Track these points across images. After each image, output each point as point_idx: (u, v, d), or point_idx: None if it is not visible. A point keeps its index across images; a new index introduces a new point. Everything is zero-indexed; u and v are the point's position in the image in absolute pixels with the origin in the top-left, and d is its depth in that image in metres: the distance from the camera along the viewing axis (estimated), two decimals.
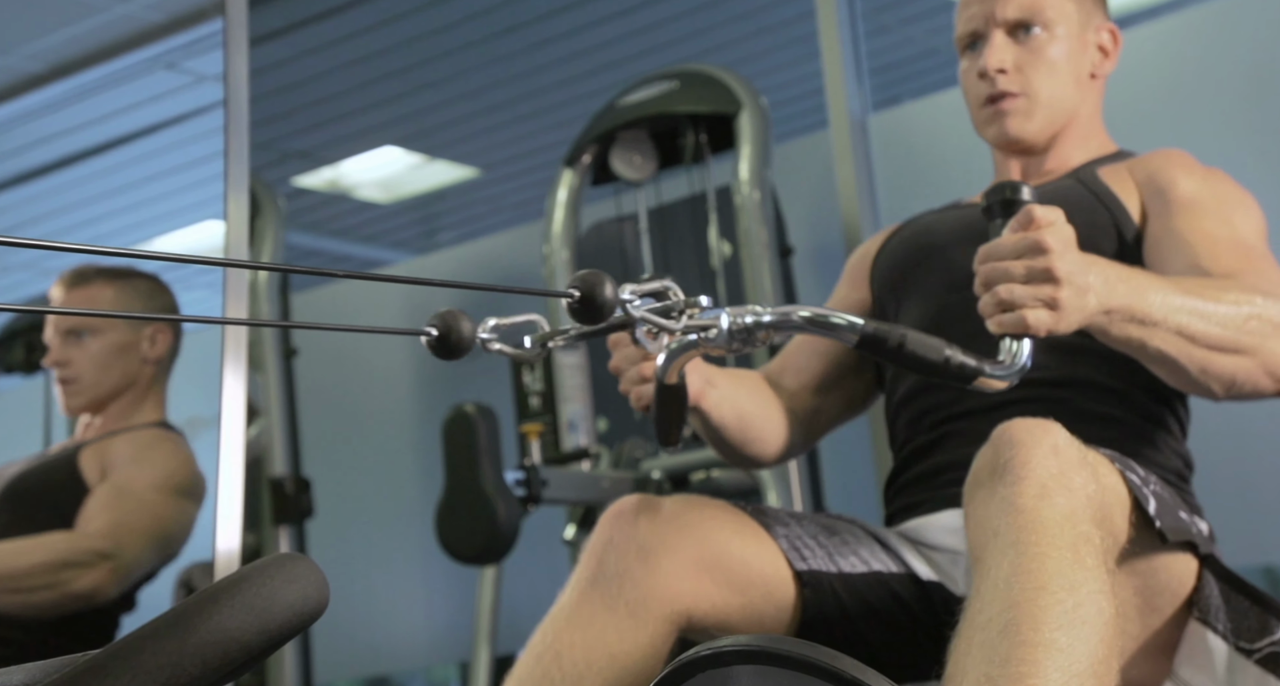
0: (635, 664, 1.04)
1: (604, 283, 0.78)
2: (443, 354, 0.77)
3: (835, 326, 0.98)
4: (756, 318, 0.97)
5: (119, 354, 2.00)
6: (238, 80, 1.58)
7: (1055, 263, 0.98)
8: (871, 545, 1.22)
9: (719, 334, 0.96)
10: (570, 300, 0.78)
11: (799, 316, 0.98)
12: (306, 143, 4.54)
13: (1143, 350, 1.07)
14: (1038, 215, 1.00)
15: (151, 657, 0.41)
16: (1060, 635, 0.81)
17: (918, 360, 0.97)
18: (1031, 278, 0.99)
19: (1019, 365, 1.00)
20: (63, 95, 3.21)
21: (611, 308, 0.78)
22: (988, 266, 1.01)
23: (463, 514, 1.98)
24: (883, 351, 0.98)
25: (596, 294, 0.77)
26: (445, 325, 0.78)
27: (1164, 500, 1.07)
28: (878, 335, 0.98)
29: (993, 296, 1.00)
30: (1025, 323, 0.99)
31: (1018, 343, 1.00)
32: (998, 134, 1.41)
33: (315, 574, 0.48)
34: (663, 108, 2.42)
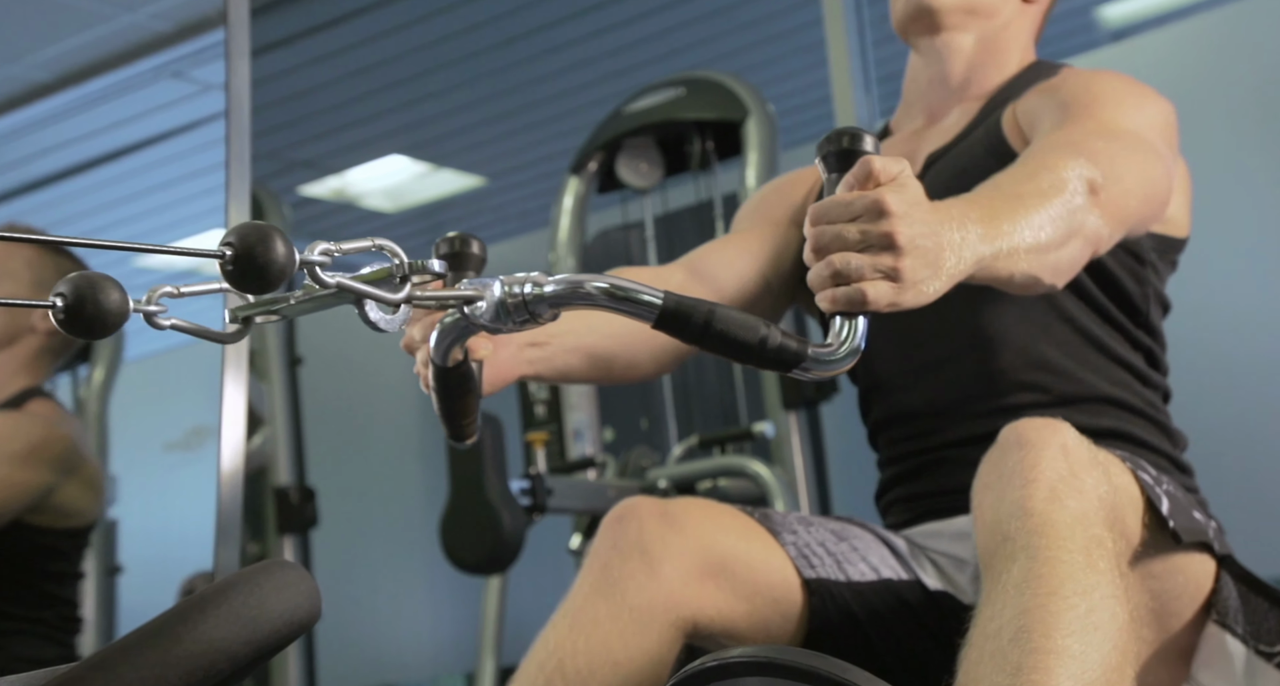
0: (640, 671, 1.02)
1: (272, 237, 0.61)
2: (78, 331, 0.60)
3: (634, 301, 0.79)
4: (537, 288, 0.78)
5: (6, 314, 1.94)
6: (239, 90, 1.57)
7: (897, 226, 0.81)
8: (881, 551, 1.20)
9: (487, 308, 0.78)
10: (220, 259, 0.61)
11: (593, 287, 0.79)
12: (313, 152, 4.55)
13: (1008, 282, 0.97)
14: (877, 168, 0.82)
15: (132, 670, 0.39)
16: (1073, 642, 0.79)
17: (728, 341, 0.79)
18: (870, 244, 0.82)
19: (851, 346, 0.82)
20: (69, 104, 3.22)
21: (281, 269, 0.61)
22: (819, 229, 0.83)
23: (467, 523, 1.97)
24: (685, 332, 0.79)
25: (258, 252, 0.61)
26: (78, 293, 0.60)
27: (1177, 500, 1.05)
28: (680, 311, 0.79)
29: (826, 266, 0.82)
30: (864, 297, 0.81)
31: (851, 320, 0.82)
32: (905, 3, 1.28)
33: (306, 581, 0.46)
34: (669, 114, 2.41)
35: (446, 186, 5.00)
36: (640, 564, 1.06)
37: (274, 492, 2.66)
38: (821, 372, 0.81)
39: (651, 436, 2.49)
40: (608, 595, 1.05)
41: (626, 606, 1.04)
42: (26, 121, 3.26)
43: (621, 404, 2.52)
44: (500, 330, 0.80)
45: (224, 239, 0.61)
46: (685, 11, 3.85)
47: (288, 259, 0.62)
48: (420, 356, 1.00)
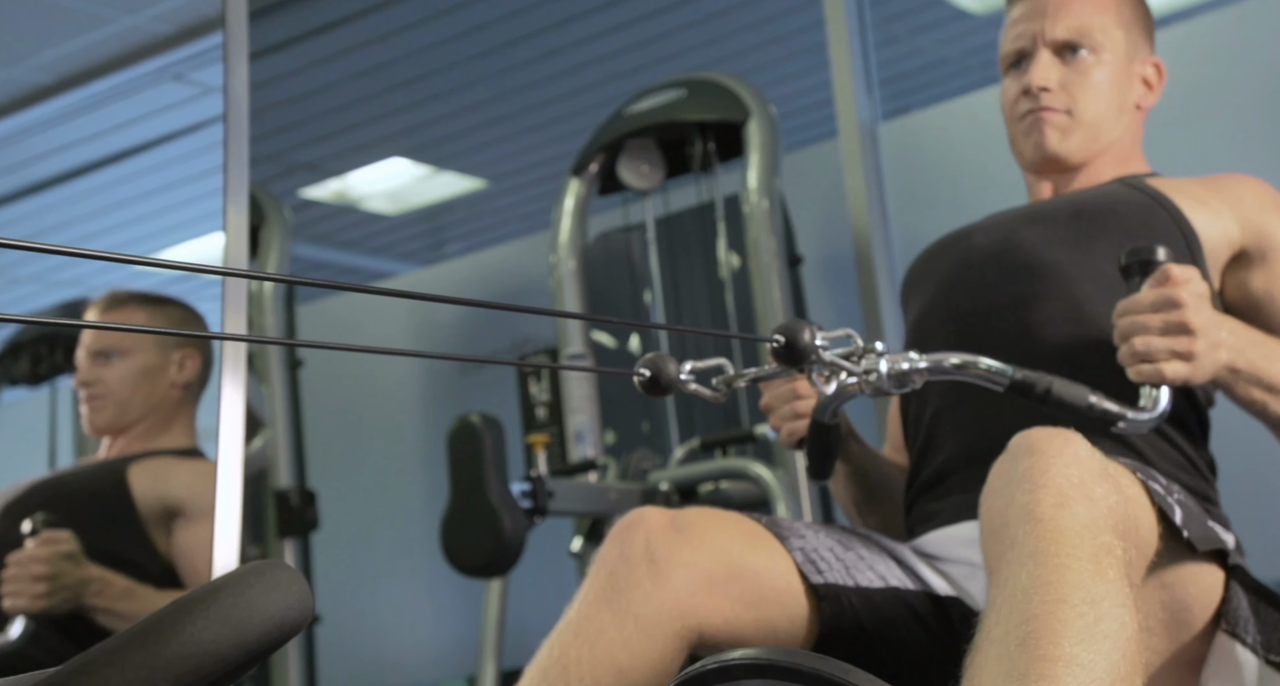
0: (644, 680, 1.00)
1: (804, 329, 0.91)
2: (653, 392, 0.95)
3: (983, 371, 1.05)
4: (912, 364, 1.04)
5: (147, 376, 2.02)
6: (238, 92, 1.56)
7: (1190, 316, 1.06)
8: (887, 560, 1.19)
9: (879, 377, 1.03)
10: (776, 345, 0.91)
11: (950, 363, 1.05)
12: (314, 154, 4.54)
13: (1264, 413, 1.17)
14: (1174, 273, 1.08)
15: (118, 673, 0.38)
16: (1081, 650, 0.78)
17: (1063, 406, 1.04)
18: (1168, 330, 1.07)
19: (1159, 411, 1.07)
20: (70, 107, 3.21)
21: (809, 352, 0.90)
22: (1126, 319, 1.09)
23: (468, 525, 1.95)
24: (1030, 397, 1.05)
25: (798, 339, 0.92)
26: (655, 367, 0.95)
27: (1189, 509, 1.04)
28: (1026, 382, 1.04)
29: (1129, 347, 1.09)
30: (1162, 374, 1.07)
31: (1157, 390, 1.08)
32: (1036, 146, 1.40)
33: (297, 583, 0.45)
34: (670, 116, 2.40)
35: (448, 189, 5.00)
36: (647, 573, 1.05)
37: (274, 495, 2.65)
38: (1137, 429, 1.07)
39: (653, 439, 2.48)
40: (613, 603, 1.04)
41: (632, 615, 1.03)
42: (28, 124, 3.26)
43: (623, 407, 2.51)
44: (888, 394, 1.04)
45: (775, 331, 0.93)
46: (687, 14, 3.84)
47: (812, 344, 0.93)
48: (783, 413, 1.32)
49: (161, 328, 2.05)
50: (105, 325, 0.55)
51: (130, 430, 2.02)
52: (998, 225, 1.38)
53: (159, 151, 3.73)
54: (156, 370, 2.02)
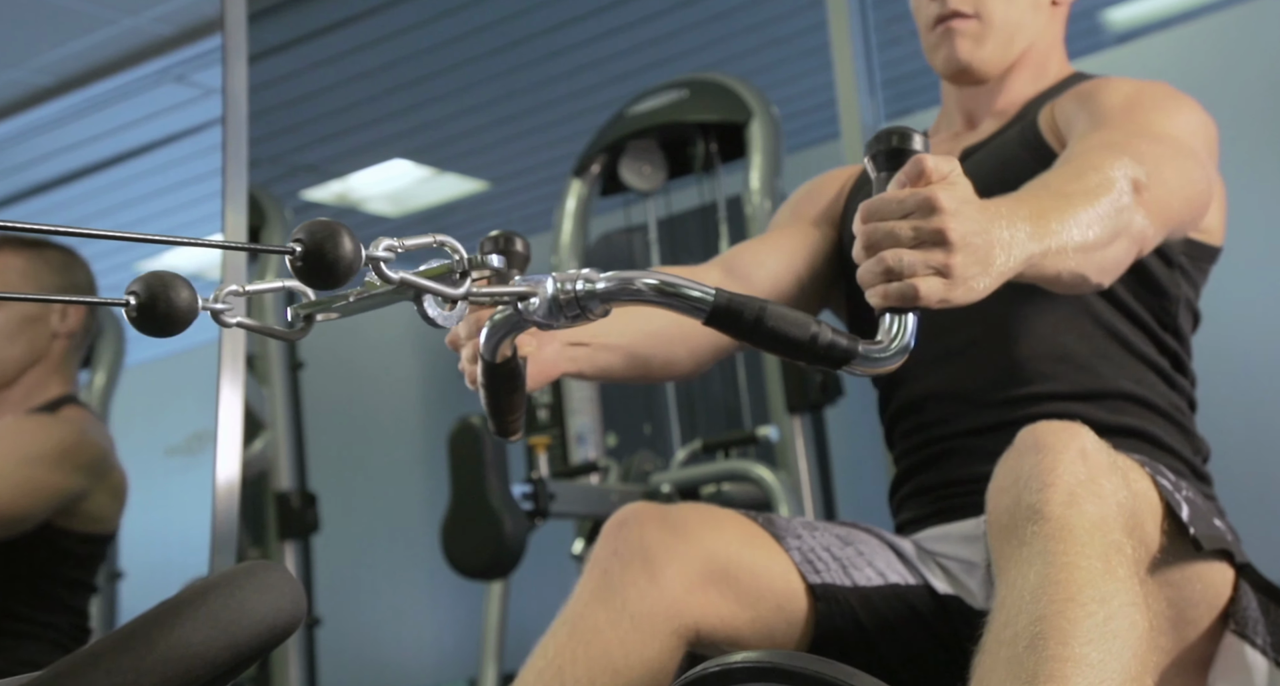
0: (641, 679, 0.99)
1: (340, 234, 0.64)
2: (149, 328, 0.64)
3: (685, 298, 0.81)
4: (589, 285, 0.80)
5: (26, 325, 1.92)
6: (236, 94, 1.56)
7: (949, 223, 0.83)
8: (888, 556, 1.18)
9: (540, 304, 0.79)
10: (290, 255, 0.64)
11: (643, 284, 0.80)
12: (315, 156, 4.54)
13: (1055, 281, 0.98)
14: (929, 167, 0.85)
15: (105, 676, 0.37)
16: (1091, 650, 0.77)
17: (779, 338, 0.81)
18: (921, 240, 0.83)
19: (901, 343, 0.83)
20: (70, 109, 3.21)
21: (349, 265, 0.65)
22: (870, 227, 0.85)
23: (469, 528, 1.95)
24: (736, 329, 0.81)
25: (327, 248, 0.64)
26: (150, 291, 0.64)
27: (1197, 506, 1.03)
28: (731, 308, 0.80)
29: (877, 263, 0.84)
30: (916, 293, 0.83)
31: (901, 317, 0.84)
32: (946, 59, 1.30)
33: (289, 584, 0.44)
34: (672, 116, 2.40)
35: (449, 191, 4.99)
36: (642, 570, 1.04)
37: (275, 498, 2.64)
38: (871, 369, 0.82)
39: (654, 441, 2.48)
40: (608, 602, 1.03)
41: (627, 614, 1.02)
42: (28, 126, 3.25)
43: (624, 408, 2.50)
44: (552, 326, 0.81)
45: (294, 235, 0.64)
46: (689, 15, 3.84)
47: (355, 254, 0.65)
48: (466, 353, 1.03)
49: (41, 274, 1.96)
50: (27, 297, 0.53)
51: (13, 384, 1.94)
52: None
53: (160, 153, 3.73)
54: (36, 319, 1.92)
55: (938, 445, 1.25)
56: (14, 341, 1.92)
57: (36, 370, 1.95)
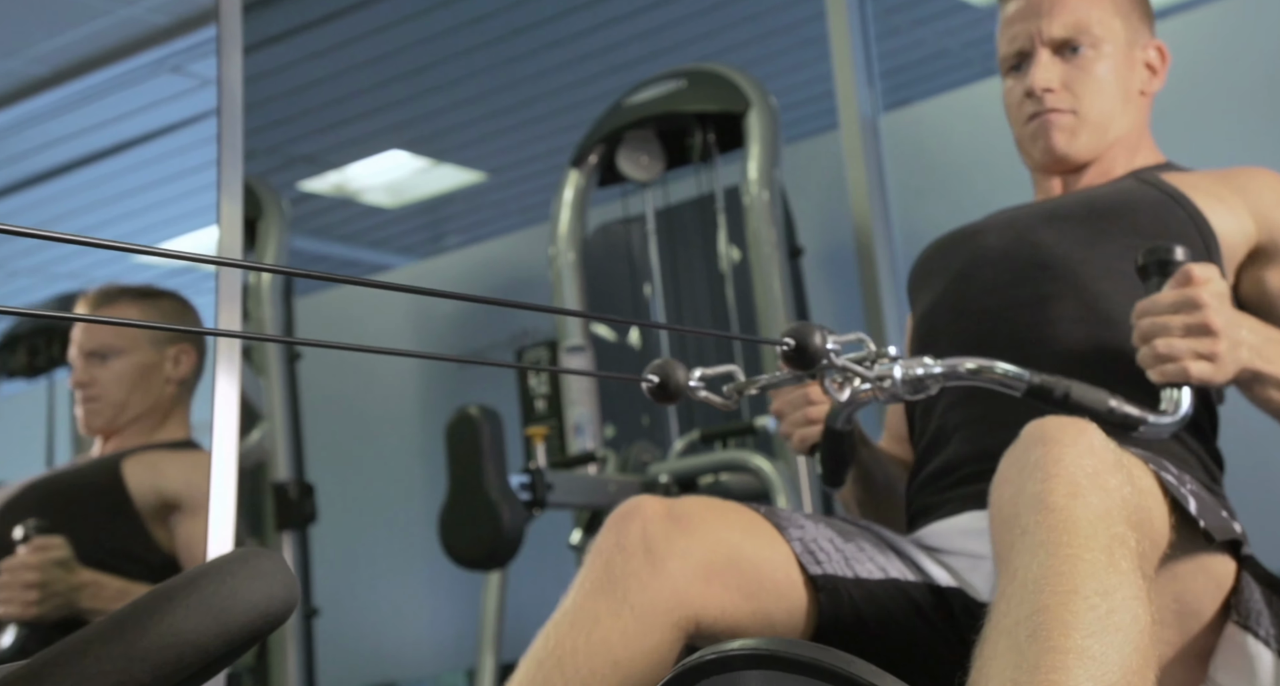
0: (641, 671, 0.99)
1: (815, 332, 0.87)
2: (662, 399, 0.94)
3: (999, 375, 1.03)
4: (927, 369, 1.02)
5: (143, 374, 1.99)
6: (232, 84, 1.55)
7: (1212, 317, 1.05)
8: (887, 552, 1.18)
9: (893, 383, 1.01)
10: (785, 348, 0.87)
11: (965, 368, 1.03)
12: (312, 147, 4.53)
13: (1267, 403, 1.15)
14: (1195, 273, 1.07)
15: (95, 663, 0.37)
16: (1092, 642, 0.76)
17: (1083, 410, 1.01)
18: (1189, 331, 1.06)
19: (1181, 414, 1.06)
20: (66, 99, 3.19)
21: (820, 355, 0.87)
22: (1147, 321, 1.07)
23: (466, 518, 1.94)
24: (1049, 402, 1.03)
25: (809, 343, 0.87)
26: (664, 373, 0.94)
27: (1203, 499, 1.03)
28: (1044, 386, 1.03)
29: (1151, 349, 1.07)
30: (1187, 372, 1.05)
31: (1179, 392, 1.07)
32: (1044, 151, 1.38)
33: (282, 571, 0.44)
34: (670, 107, 2.39)
35: (447, 182, 4.98)
36: (644, 562, 1.04)
37: (273, 488, 2.64)
38: (1158, 434, 1.06)
39: (653, 432, 2.47)
40: (609, 593, 1.02)
41: (628, 605, 1.02)
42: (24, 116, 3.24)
43: (622, 399, 2.50)
44: (901, 400, 1.03)
45: (784, 334, 0.88)
46: (687, 5, 3.83)
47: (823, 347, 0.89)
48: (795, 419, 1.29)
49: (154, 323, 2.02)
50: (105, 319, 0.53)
51: (126, 429, 2.00)
52: (1011, 224, 1.35)
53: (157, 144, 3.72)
54: (152, 368, 2.00)
55: (946, 416, 1.28)
56: (132, 389, 1.99)
57: (150, 416, 2.01)
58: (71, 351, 2.01)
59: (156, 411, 2.01)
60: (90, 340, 1.98)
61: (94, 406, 1.98)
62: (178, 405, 2.04)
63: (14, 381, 3.07)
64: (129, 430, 2.00)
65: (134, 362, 1.98)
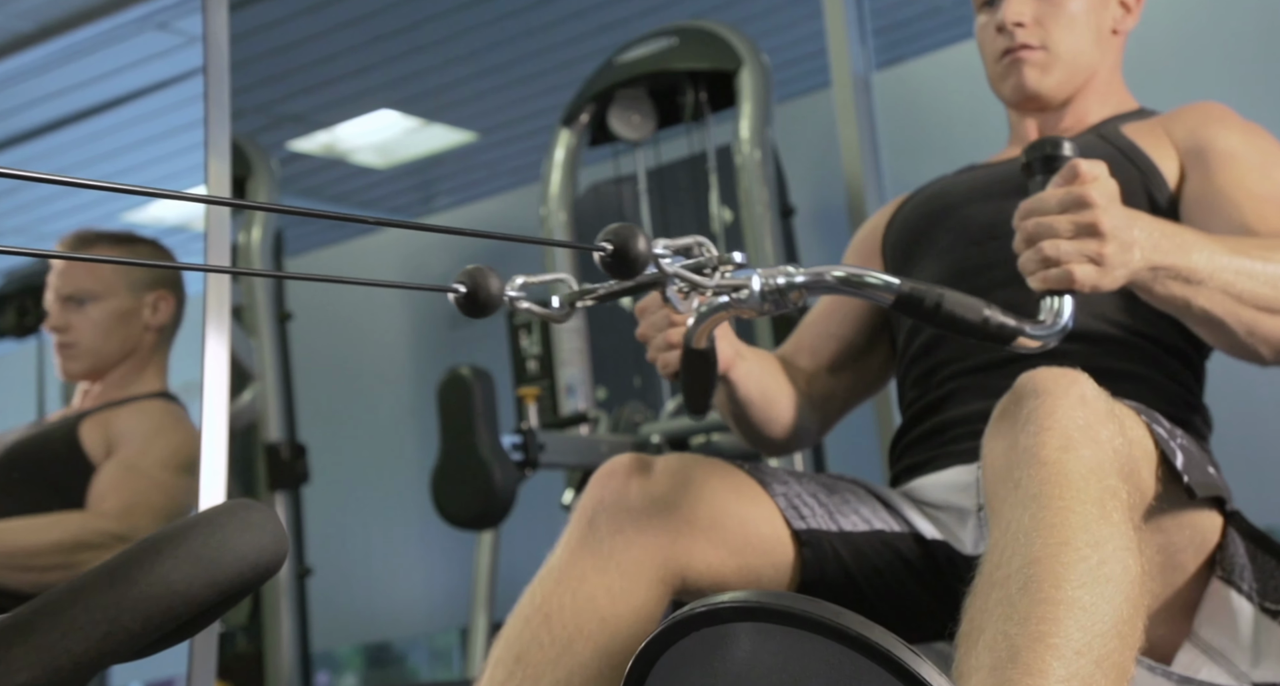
0: (628, 627, 1.00)
1: (637, 236, 0.77)
2: (471, 311, 0.78)
3: (870, 285, 0.95)
4: (789, 278, 0.94)
5: (120, 320, 1.97)
6: (218, 41, 1.53)
7: (1100, 217, 0.96)
8: (873, 504, 1.18)
9: (750, 295, 0.93)
10: (603, 254, 0.76)
11: (833, 276, 0.95)
12: (301, 106, 4.48)
13: (1187, 309, 1.05)
14: (1083, 170, 0.98)
15: (84, 612, 0.37)
16: (1083, 593, 0.77)
17: (955, 320, 0.95)
18: (1077, 233, 0.97)
19: (1061, 324, 0.98)
20: (51, 56, 3.15)
21: (645, 262, 0.77)
22: (1031, 222, 0.99)
23: (458, 478, 1.95)
24: (919, 312, 0.95)
25: (630, 247, 0.76)
26: (473, 282, 0.78)
27: (1191, 454, 1.03)
28: (914, 295, 0.95)
29: (1036, 252, 0.98)
30: (1071, 278, 0.96)
31: (1059, 300, 0.98)
32: (1014, 87, 1.37)
33: (272, 523, 0.44)
34: (661, 65, 2.37)
35: (437, 141, 4.94)
36: (628, 519, 1.04)
37: (265, 449, 2.64)
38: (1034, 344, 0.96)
39: (645, 393, 2.48)
40: (595, 550, 1.03)
41: (614, 561, 1.02)
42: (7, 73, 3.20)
43: (614, 360, 2.50)
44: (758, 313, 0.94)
45: (602, 238, 0.77)
46: None
47: (648, 252, 0.77)
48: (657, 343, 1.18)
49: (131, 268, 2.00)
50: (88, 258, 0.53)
51: (105, 376, 1.98)
52: (987, 194, 1.34)
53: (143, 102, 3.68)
54: (130, 313, 1.97)
55: (944, 386, 1.27)
56: (110, 336, 1.96)
57: (128, 362, 1.98)
58: (48, 296, 1.98)
59: (134, 359, 1.98)
60: (67, 284, 1.95)
61: (71, 352, 1.96)
62: (156, 353, 2.01)
63: (4, 341, 3.06)
64: (109, 378, 1.98)
65: (111, 308, 1.96)
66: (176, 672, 2.83)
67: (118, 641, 0.37)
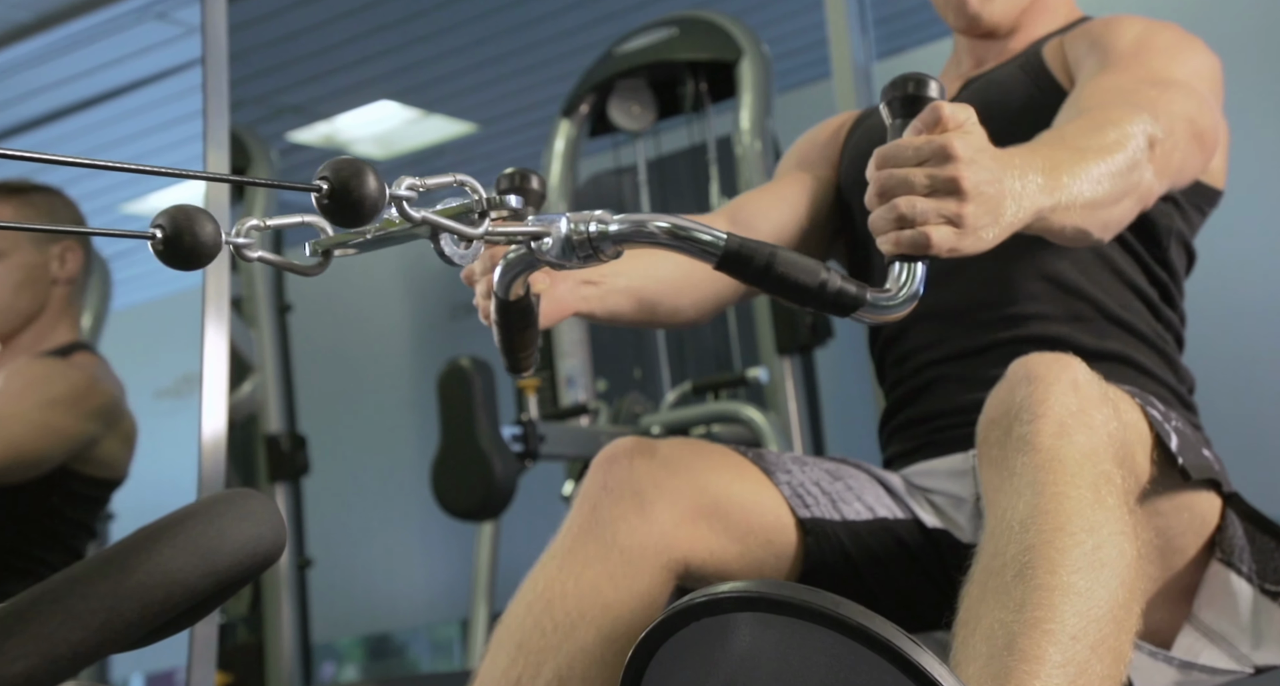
0: (630, 614, 0.99)
1: (365, 172, 0.65)
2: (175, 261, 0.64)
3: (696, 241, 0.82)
4: (602, 227, 0.80)
5: (28, 275, 1.91)
6: (216, 31, 1.53)
7: (963, 171, 0.82)
8: (876, 490, 1.18)
9: (553, 244, 0.80)
10: (317, 194, 0.64)
11: (656, 227, 0.81)
12: (301, 97, 4.47)
13: (1059, 234, 0.98)
14: (945, 114, 0.84)
15: (82, 601, 0.37)
16: (1079, 578, 0.77)
17: (788, 284, 0.81)
18: (935, 189, 0.83)
19: (910, 291, 0.83)
20: (49, 47, 3.14)
21: (374, 203, 0.65)
22: (885, 173, 0.84)
23: (459, 469, 1.95)
24: (746, 273, 0.82)
25: (353, 186, 0.64)
26: (175, 225, 0.64)
27: (1186, 437, 1.03)
28: (742, 253, 0.81)
29: (889, 210, 0.83)
30: (927, 242, 0.82)
31: (910, 265, 0.84)
32: (957, 12, 1.30)
33: (270, 512, 0.43)
34: (662, 55, 2.36)
35: (437, 133, 4.93)
36: (631, 505, 1.03)
37: (265, 440, 2.64)
38: (880, 317, 0.83)
39: (645, 384, 2.48)
40: (597, 536, 1.02)
41: (617, 547, 1.02)
42: (5, 64, 3.19)
43: (614, 352, 2.50)
44: (564, 266, 0.82)
45: (320, 173, 0.64)
46: None
47: (379, 193, 0.65)
48: (480, 289, 1.02)
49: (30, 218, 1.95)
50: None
51: (19, 334, 1.93)
52: None
53: (142, 93, 3.67)
54: (37, 268, 1.92)
55: (927, 372, 1.25)
56: (19, 292, 1.92)
57: (41, 318, 1.94)
58: None
59: (46, 313, 1.94)
60: None
61: None
62: (68, 306, 1.97)
63: None
64: (23, 335, 1.93)
65: (17, 263, 1.91)
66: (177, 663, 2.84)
67: (115, 630, 0.37)
